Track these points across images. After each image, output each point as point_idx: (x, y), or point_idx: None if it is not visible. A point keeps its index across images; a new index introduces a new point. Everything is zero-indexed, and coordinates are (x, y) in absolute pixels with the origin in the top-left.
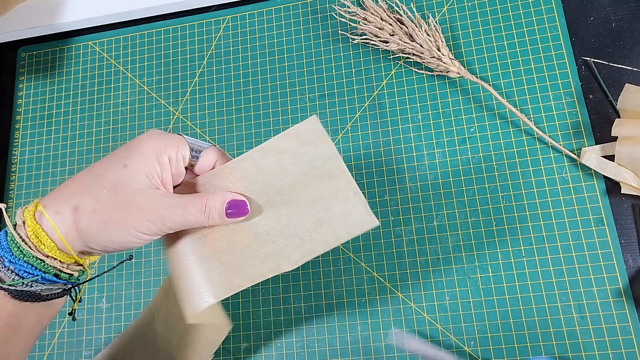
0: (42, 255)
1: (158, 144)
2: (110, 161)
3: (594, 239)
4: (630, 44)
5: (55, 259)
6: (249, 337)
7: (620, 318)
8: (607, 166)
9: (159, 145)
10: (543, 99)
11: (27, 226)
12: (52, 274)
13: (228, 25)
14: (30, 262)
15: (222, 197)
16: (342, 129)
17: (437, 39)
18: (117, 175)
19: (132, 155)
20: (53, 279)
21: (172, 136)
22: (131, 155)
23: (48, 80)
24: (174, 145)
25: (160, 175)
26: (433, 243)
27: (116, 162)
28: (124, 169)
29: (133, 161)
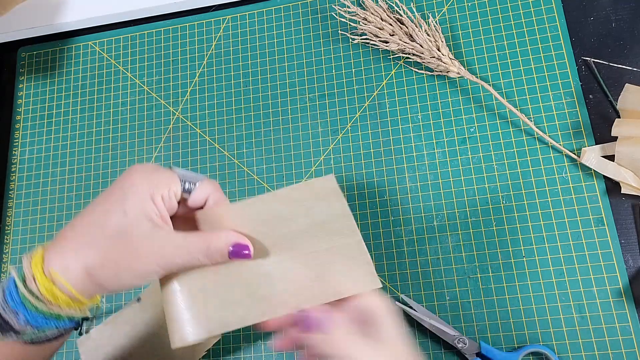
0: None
1: (150, 184)
2: (109, 206)
3: (594, 239)
4: (630, 44)
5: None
6: (249, 337)
7: (620, 318)
8: (607, 166)
9: (152, 185)
10: (543, 99)
11: (38, 282)
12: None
13: (228, 25)
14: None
15: (226, 239)
16: (342, 129)
17: (437, 39)
18: (119, 224)
19: (128, 199)
20: (66, 323)
21: (163, 173)
22: (127, 200)
23: (48, 80)
24: (165, 184)
25: (160, 215)
26: (433, 243)
27: (115, 208)
28: (125, 217)
29: (131, 206)
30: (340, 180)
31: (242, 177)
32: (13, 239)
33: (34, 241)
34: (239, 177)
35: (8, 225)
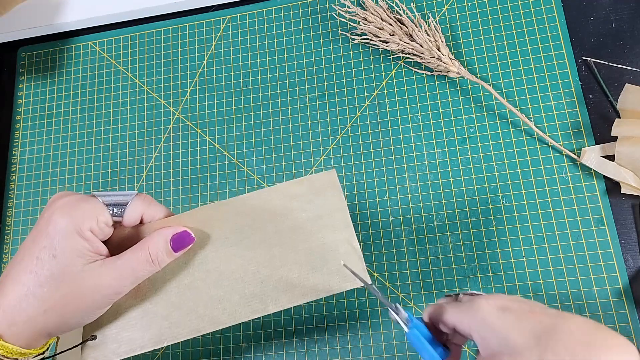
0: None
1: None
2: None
3: (594, 239)
4: (630, 44)
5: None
6: (249, 337)
7: (620, 318)
8: (607, 166)
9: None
10: (543, 99)
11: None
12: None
13: (228, 25)
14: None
15: (162, 237)
16: (342, 129)
17: (437, 39)
18: (51, 269)
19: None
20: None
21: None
22: (54, 242)
23: (48, 80)
24: (91, 216)
25: (91, 248)
26: (433, 243)
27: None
28: (54, 260)
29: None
30: (340, 180)
31: (242, 177)
32: (13, 239)
33: None
34: (239, 177)
35: (8, 225)
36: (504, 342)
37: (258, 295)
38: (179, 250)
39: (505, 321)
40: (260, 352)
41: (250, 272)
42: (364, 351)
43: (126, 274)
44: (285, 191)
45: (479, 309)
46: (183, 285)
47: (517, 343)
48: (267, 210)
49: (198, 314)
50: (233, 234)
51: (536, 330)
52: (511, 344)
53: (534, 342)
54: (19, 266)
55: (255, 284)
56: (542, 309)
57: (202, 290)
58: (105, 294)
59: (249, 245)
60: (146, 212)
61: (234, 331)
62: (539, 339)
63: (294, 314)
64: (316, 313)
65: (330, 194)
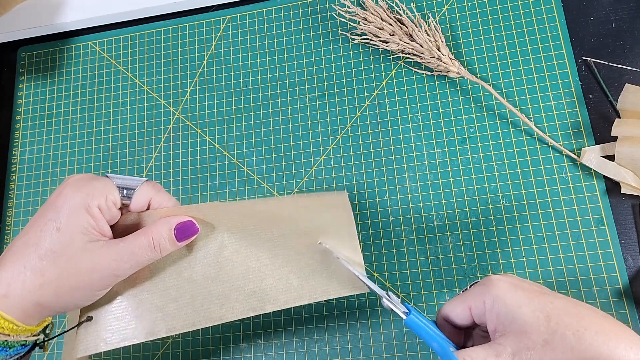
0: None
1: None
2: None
3: (594, 239)
4: (630, 44)
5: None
6: (249, 337)
7: (620, 318)
8: (607, 166)
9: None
10: (543, 99)
11: None
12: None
13: (228, 25)
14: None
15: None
16: (342, 129)
17: (437, 39)
18: (52, 241)
19: (61, 214)
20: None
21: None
22: (60, 215)
23: (48, 80)
24: (101, 194)
25: (96, 227)
26: (433, 243)
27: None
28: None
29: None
30: (340, 180)
31: (242, 177)
32: (13, 238)
33: None
34: (239, 177)
35: (8, 225)
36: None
37: (257, 293)
38: (183, 239)
39: (517, 298)
40: (260, 352)
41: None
42: (364, 351)
43: (126, 257)
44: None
45: (492, 285)
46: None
47: (526, 320)
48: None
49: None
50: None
51: (547, 310)
52: (520, 321)
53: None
54: (22, 239)
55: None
56: (552, 292)
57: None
58: (103, 274)
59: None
60: (154, 199)
61: (234, 331)
62: (549, 319)
63: (293, 314)
64: (316, 313)
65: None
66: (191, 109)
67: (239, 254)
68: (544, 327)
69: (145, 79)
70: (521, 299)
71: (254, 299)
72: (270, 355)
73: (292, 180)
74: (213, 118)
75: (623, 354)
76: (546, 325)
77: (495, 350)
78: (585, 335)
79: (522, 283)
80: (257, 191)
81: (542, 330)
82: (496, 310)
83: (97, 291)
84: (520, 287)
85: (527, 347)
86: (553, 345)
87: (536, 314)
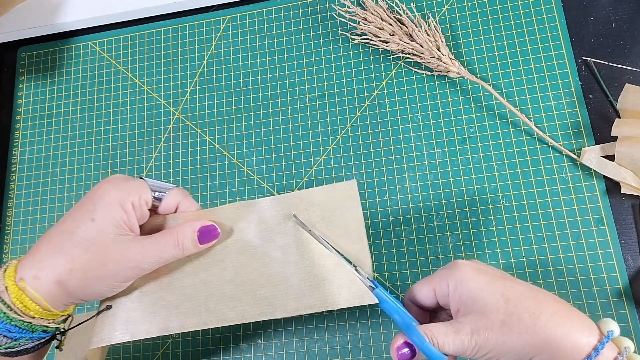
0: (28, 318)
1: (121, 192)
2: (78, 216)
3: (594, 239)
4: (630, 44)
5: (41, 319)
6: (249, 337)
7: (620, 318)
8: (607, 166)
9: (122, 194)
10: (543, 99)
11: (10, 293)
12: (40, 331)
13: (228, 25)
14: (18, 326)
15: (191, 227)
16: (342, 129)
17: (437, 39)
18: (87, 230)
19: (97, 207)
20: (41, 334)
21: (133, 182)
22: (96, 208)
23: (48, 80)
24: (136, 192)
25: (127, 222)
26: (433, 243)
27: (84, 217)
28: (92, 223)
29: (99, 214)
30: (340, 180)
31: (242, 177)
32: (13, 239)
33: (34, 241)
34: (239, 177)
35: (8, 225)
36: (475, 300)
37: (269, 298)
38: (205, 242)
39: (479, 281)
40: (260, 352)
41: (265, 276)
42: (364, 351)
43: (151, 252)
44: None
45: (457, 269)
46: (198, 279)
47: (486, 302)
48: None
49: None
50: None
51: (506, 294)
52: (481, 303)
53: (503, 303)
54: (58, 228)
55: (267, 288)
56: (513, 278)
57: (215, 286)
58: (129, 266)
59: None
60: (182, 203)
61: (234, 331)
62: (507, 302)
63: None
64: (316, 313)
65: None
66: (191, 109)
67: (254, 260)
68: (503, 308)
69: (145, 79)
70: (483, 282)
71: (265, 304)
72: (270, 356)
73: (292, 180)
74: (213, 118)
75: (576, 336)
76: (505, 307)
77: (455, 328)
78: (541, 317)
79: (486, 268)
80: (257, 191)
81: (500, 312)
82: (459, 292)
83: (120, 282)
84: (483, 272)
85: (486, 327)
86: (510, 326)
87: (496, 296)
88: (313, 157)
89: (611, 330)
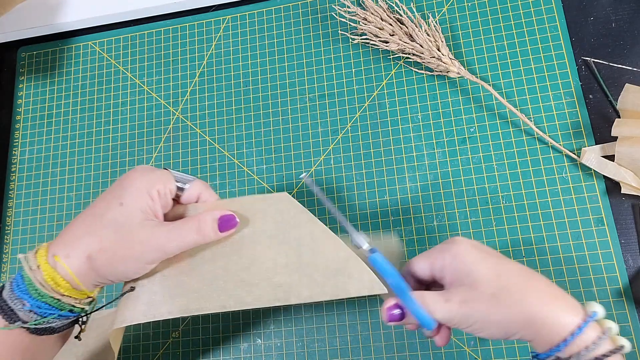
0: (58, 295)
1: (148, 180)
2: (108, 200)
3: (594, 239)
4: (630, 44)
5: (70, 297)
6: (249, 337)
7: (620, 318)
8: (607, 166)
9: (149, 182)
10: (543, 99)
11: (42, 270)
12: (67, 310)
13: (228, 25)
14: (48, 302)
15: (212, 215)
16: (342, 129)
17: (437, 39)
18: (116, 213)
19: (125, 193)
20: (68, 314)
21: (159, 172)
22: (125, 194)
23: (48, 80)
24: (161, 181)
25: (153, 208)
26: (433, 243)
27: (113, 202)
28: (121, 207)
29: (127, 199)
30: (340, 179)
31: (242, 177)
32: (13, 238)
33: (34, 241)
34: (239, 177)
35: (8, 225)
36: (468, 273)
37: (284, 285)
38: (224, 230)
39: (474, 256)
40: (260, 352)
41: (280, 265)
42: (364, 351)
43: (174, 236)
44: None
45: (455, 243)
46: (217, 266)
47: (479, 275)
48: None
49: (227, 293)
50: (271, 227)
51: (498, 270)
52: (474, 276)
53: (495, 278)
54: (89, 211)
55: (282, 276)
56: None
57: (233, 273)
58: (153, 249)
59: (283, 240)
60: (203, 194)
61: (234, 331)
62: (499, 277)
63: (294, 314)
64: (316, 313)
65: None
66: (191, 109)
67: (270, 250)
68: (494, 282)
69: (146, 78)
70: (478, 258)
71: (280, 290)
72: (270, 356)
73: (292, 180)
74: (213, 118)
75: (561, 315)
76: (496, 281)
77: (445, 297)
78: (529, 294)
79: (482, 246)
80: (257, 191)
81: (491, 285)
82: (454, 265)
83: (145, 264)
84: (479, 249)
85: (475, 298)
86: (498, 299)
87: (489, 271)
88: (313, 157)
89: (595, 311)
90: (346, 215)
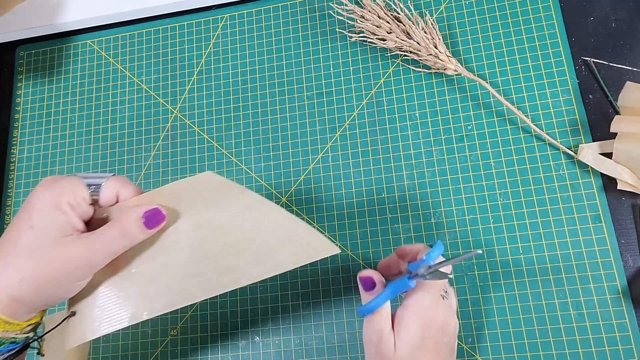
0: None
1: (53, 194)
2: (17, 225)
3: (591, 236)
4: (630, 44)
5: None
6: (247, 335)
7: (617, 315)
8: (604, 163)
9: (55, 196)
10: (540, 97)
11: None
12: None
13: (226, 24)
14: None
15: (135, 214)
16: (340, 126)
17: (434, 37)
18: (28, 239)
19: (34, 214)
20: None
21: (64, 181)
22: (33, 215)
23: (47, 79)
24: (69, 190)
25: (68, 222)
26: (430, 241)
27: (24, 226)
28: (32, 230)
29: (37, 220)
30: (338, 177)
31: (241, 175)
32: None
33: None
34: (237, 175)
35: (7, 224)
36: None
37: (231, 269)
38: (152, 226)
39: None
40: (259, 349)
41: (223, 248)
42: (361, 348)
43: (99, 247)
44: None
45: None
46: (158, 263)
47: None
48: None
49: (172, 290)
50: (202, 211)
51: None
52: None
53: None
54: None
55: (228, 259)
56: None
57: (175, 268)
58: (78, 265)
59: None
60: (121, 191)
61: (232, 329)
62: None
63: (292, 312)
64: (314, 311)
65: None
66: (189, 107)
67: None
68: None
69: (144, 77)
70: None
71: (228, 275)
72: (269, 353)
73: (290, 178)
74: (211, 116)
75: None
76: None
77: None
78: None
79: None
80: (255, 189)
81: None
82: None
83: (75, 281)
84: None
85: None
86: None
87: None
88: (311, 155)
89: None
90: (344, 213)
